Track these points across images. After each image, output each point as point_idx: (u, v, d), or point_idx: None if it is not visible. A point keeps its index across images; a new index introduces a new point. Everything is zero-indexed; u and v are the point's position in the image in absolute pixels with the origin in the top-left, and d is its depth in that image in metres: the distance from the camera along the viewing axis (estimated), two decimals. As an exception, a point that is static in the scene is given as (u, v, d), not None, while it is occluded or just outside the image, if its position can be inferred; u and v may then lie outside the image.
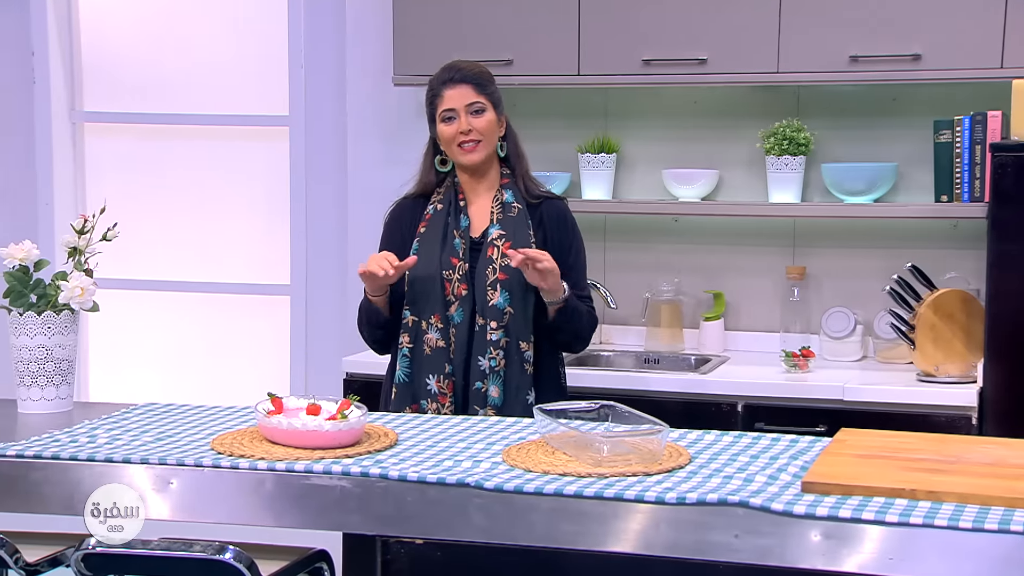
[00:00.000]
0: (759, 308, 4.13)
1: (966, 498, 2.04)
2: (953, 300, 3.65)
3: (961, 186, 3.72)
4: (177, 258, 4.76)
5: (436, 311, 2.99)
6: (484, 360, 2.97)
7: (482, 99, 3.02)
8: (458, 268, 3.00)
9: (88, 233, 2.86)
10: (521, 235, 3.02)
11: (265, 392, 2.54)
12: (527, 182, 3.11)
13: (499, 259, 2.99)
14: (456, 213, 3.05)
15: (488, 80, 3.07)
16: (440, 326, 2.99)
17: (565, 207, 3.15)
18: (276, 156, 4.61)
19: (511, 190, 3.07)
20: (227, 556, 2.22)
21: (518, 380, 2.98)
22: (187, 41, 4.70)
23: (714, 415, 3.58)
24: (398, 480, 2.24)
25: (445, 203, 3.07)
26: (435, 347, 2.99)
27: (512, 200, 3.05)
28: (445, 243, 3.02)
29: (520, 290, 2.98)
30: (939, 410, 3.45)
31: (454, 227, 3.04)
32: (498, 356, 2.97)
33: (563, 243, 3.07)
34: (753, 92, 4.06)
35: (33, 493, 2.40)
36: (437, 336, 2.99)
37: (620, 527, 2.12)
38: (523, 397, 2.98)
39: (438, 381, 2.99)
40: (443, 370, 2.98)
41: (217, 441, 2.46)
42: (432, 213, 3.07)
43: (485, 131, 3.02)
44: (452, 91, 3.01)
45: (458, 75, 3.03)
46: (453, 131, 3.01)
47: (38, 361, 2.78)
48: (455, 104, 3.01)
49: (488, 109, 3.03)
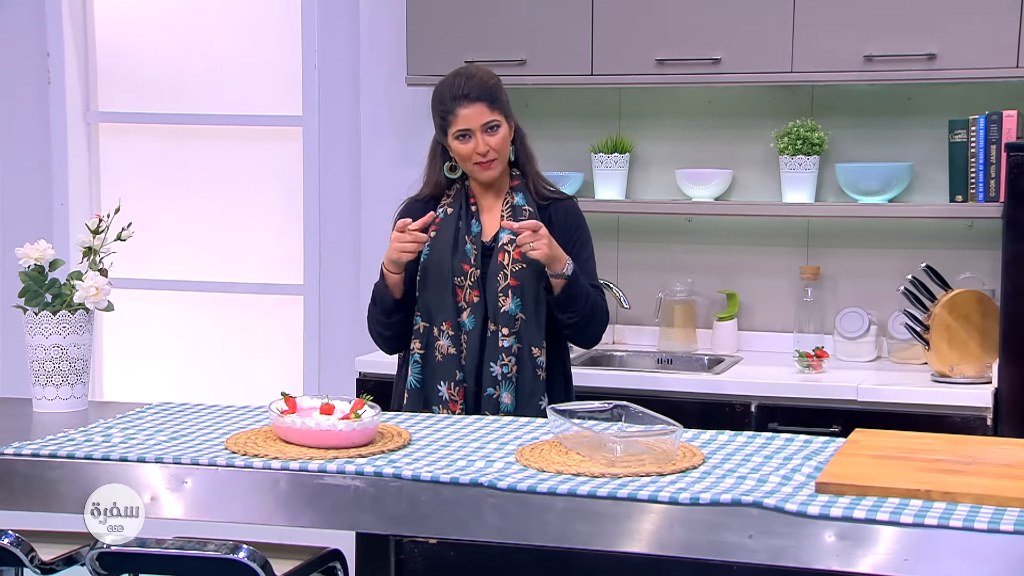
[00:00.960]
0: (773, 308, 4.12)
1: (982, 499, 2.03)
2: (968, 300, 3.64)
3: (976, 186, 3.71)
4: (191, 258, 4.77)
5: (448, 318, 2.96)
6: (496, 366, 2.95)
7: (496, 116, 2.97)
8: (470, 275, 2.98)
9: (103, 233, 2.87)
10: None
11: (279, 392, 2.54)
12: (537, 183, 3.08)
13: (510, 264, 2.96)
14: (468, 218, 3.03)
15: (499, 91, 3.01)
16: (451, 333, 2.96)
17: (575, 206, 3.13)
18: (290, 156, 4.62)
19: (521, 192, 3.05)
20: (241, 555, 2.23)
21: (531, 386, 2.96)
22: (201, 41, 4.72)
23: (728, 415, 3.58)
24: (412, 480, 2.24)
25: (456, 207, 3.04)
26: (446, 354, 2.97)
27: (523, 203, 3.03)
28: (456, 249, 2.99)
29: (532, 295, 2.96)
30: (954, 411, 3.44)
31: (465, 232, 3.01)
32: (510, 362, 2.94)
33: (572, 240, 3.05)
34: (767, 92, 4.05)
35: (48, 492, 2.41)
36: (448, 343, 2.96)
37: (634, 527, 2.12)
38: (536, 403, 2.95)
39: (449, 388, 2.96)
40: (454, 377, 2.96)
41: (231, 440, 2.46)
42: (443, 217, 3.03)
43: (500, 148, 2.98)
44: (466, 111, 2.95)
45: (473, 92, 2.96)
46: (469, 150, 2.97)
47: (53, 360, 2.79)
48: (470, 124, 2.95)
49: (502, 124, 2.98)
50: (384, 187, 4.35)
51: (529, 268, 2.95)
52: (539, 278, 2.96)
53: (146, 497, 2.33)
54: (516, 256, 2.95)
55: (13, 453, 2.44)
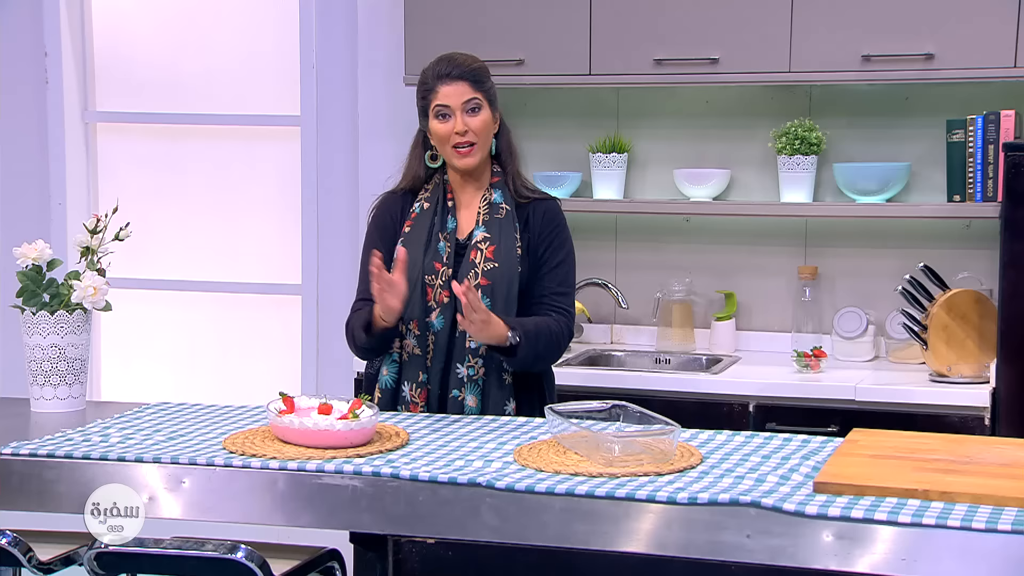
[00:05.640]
0: (771, 308, 4.13)
1: (979, 499, 2.03)
2: (966, 300, 3.64)
3: (974, 186, 3.71)
4: (188, 258, 4.77)
5: (415, 317, 2.86)
6: (463, 368, 2.85)
7: (478, 96, 2.88)
8: (441, 273, 2.87)
9: (100, 233, 2.87)
10: (507, 237, 2.88)
11: (277, 391, 2.54)
12: (517, 181, 2.97)
13: (482, 263, 2.86)
14: (443, 213, 2.93)
15: (485, 75, 2.93)
16: (417, 332, 2.87)
17: (555, 206, 2.98)
18: (287, 156, 4.62)
19: (500, 190, 2.94)
20: (239, 555, 2.23)
21: (497, 389, 2.86)
22: (199, 41, 4.71)
23: (726, 415, 3.58)
24: (410, 480, 2.24)
25: (432, 202, 2.95)
26: (411, 353, 2.89)
27: (500, 201, 2.92)
28: (429, 246, 2.90)
29: (503, 296, 2.84)
30: (952, 410, 3.44)
31: (440, 229, 2.91)
32: (476, 364, 2.85)
33: (547, 242, 2.92)
34: (765, 92, 4.05)
35: (46, 492, 2.41)
36: (414, 343, 2.88)
37: (632, 527, 2.12)
38: (502, 407, 2.86)
39: (411, 390, 2.88)
40: (417, 378, 2.87)
41: (229, 440, 2.46)
42: (418, 212, 2.94)
43: (480, 132, 2.88)
44: (448, 87, 2.88)
45: (455, 70, 2.89)
46: (448, 130, 2.88)
47: (51, 360, 2.79)
48: (450, 101, 2.86)
49: (484, 107, 2.89)
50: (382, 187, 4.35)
51: (502, 268, 2.86)
52: (512, 279, 2.87)
53: (144, 497, 2.33)
54: (489, 255, 2.87)
55: (11, 453, 2.44)
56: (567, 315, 2.91)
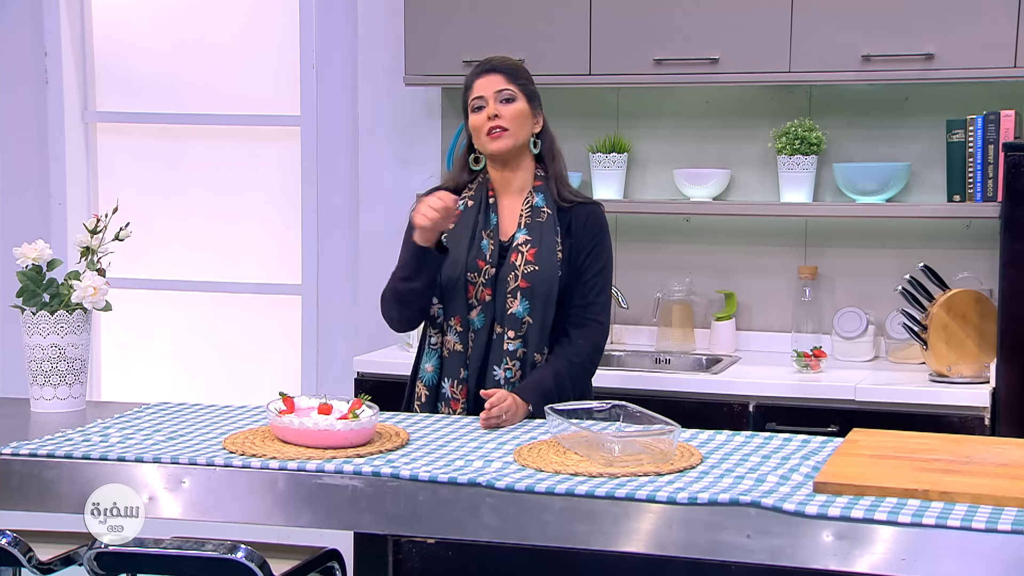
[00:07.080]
0: (771, 308, 4.12)
1: (979, 499, 2.03)
2: (966, 300, 3.64)
3: (974, 186, 3.71)
4: (188, 258, 4.77)
5: (457, 313, 2.90)
6: (499, 370, 2.88)
7: (512, 88, 2.93)
8: (484, 272, 2.90)
9: (100, 233, 2.87)
10: (548, 241, 2.90)
11: (277, 391, 2.54)
12: (560, 185, 2.99)
13: (522, 265, 2.89)
14: (486, 211, 2.96)
15: (521, 73, 2.98)
16: (460, 329, 2.91)
17: (597, 212, 3.00)
18: (288, 156, 4.62)
19: (542, 193, 2.96)
20: (239, 555, 2.23)
21: None
22: (199, 41, 4.71)
23: (726, 415, 3.58)
24: (410, 480, 2.24)
25: (476, 200, 2.97)
26: (453, 350, 2.92)
27: (542, 204, 2.94)
28: (473, 244, 2.92)
29: (542, 299, 2.88)
30: (952, 410, 3.44)
31: (483, 226, 2.94)
32: (514, 367, 2.87)
33: (589, 248, 2.94)
34: (765, 92, 4.05)
35: (46, 492, 2.41)
36: (455, 339, 2.91)
37: (632, 527, 2.12)
38: None
39: (452, 386, 2.92)
40: (458, 375, 2.91)
41: (229, 440, 2.46)
42: (462, 210, 2.96)
43: (513, 119, 2.91)
44: (482, 80, 2.94)
45: (489, 64, 2.97)
46: (482, 119, 2.91)
47: (51, 360, 2.79)
48: (484, 92, 2.92)
49: (519, 99, 2.93)
50: (382, 187, 4.36)
51: (542, 271, 2.89)
52: (552, 283, 2.89)
53: (144, 497, 2.33)
54: (529, 258, 2.90)
55: (11, 453, 2.44)
56: (601, 326, 2.95)
